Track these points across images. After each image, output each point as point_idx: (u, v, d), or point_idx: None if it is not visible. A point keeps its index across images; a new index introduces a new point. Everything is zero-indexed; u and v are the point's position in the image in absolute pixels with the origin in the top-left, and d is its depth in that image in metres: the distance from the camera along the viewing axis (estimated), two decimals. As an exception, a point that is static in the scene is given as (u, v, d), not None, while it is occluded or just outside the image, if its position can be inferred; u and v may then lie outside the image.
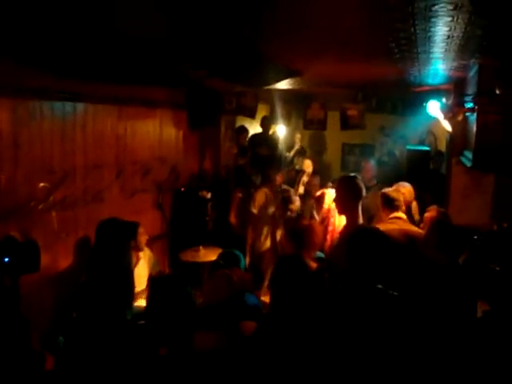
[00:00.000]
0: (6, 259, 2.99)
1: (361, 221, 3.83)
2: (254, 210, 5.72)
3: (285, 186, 6.17)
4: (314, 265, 3.30)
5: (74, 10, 2.43)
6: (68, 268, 4.04)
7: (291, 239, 3.54)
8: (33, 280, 3.40)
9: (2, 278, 3.03)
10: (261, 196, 5.76)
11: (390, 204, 4.32)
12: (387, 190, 4.50)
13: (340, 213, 3.91)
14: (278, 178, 5.89)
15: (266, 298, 3.59)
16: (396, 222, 4.18)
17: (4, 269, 3.00)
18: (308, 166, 6.74)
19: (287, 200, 4.78)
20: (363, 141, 8.82)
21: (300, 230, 3.49)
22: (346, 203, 3.81)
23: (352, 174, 4.08)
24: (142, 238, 4.35)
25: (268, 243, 5.45)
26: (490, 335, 2.65)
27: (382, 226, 4.18)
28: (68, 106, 4.15)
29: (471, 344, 2.68)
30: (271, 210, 5.53)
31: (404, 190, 4.73)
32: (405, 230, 4.07)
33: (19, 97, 3.63)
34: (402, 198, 4.43)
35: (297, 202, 4.85)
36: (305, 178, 6.43)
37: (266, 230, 5.63)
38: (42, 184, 3.84)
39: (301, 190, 6.32)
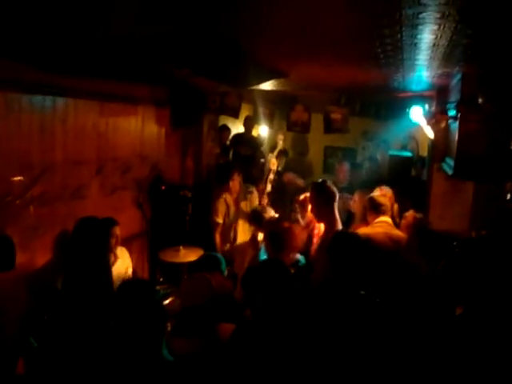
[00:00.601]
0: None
1: (339, 225, 3.84)
2: (219, 220, 5.72)
3: (251, 188, 6.19)
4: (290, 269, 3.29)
5: (58, 5, 2.38)
6: (44, 266, 3.95)
7: (270, 242, 3.52)
8: (7, 277, 3.32)
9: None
10: (221, 204, 5.78)
11: (377, 208, 4.36)
12: (374, 194, 4.54)
13: (318, 220, 3.92)
14: (235, 182, 5.88)
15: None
16: (382, 226, 4.23)
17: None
18: (274, 163, 6.86)
19: (258, 218, 4.60)
20: (346, 144, 8.87)
21: (279, 233, 3.47)
22: (320, 209, 3.84)
23: (321, 180, 4.09)
24: (113, 240, 4.26)
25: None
26: (463, 338, 2.67)
27: (368, 230, 4.21)
28: (48, 100, 4.06)
29: (449, 348, 2.69)
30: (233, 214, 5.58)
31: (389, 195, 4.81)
32: (390, 234, 4.11)
33: (-3, 89, 3.54)
34: (388, 203, 4.49)
35: (270, 213, 4.71)
36: (271, 176, 6.48)
37: (232, 235, 5.66)
38: (18, 178, 3.75)
39: (268, 188, 6.38)
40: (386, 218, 4.37)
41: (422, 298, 2.88)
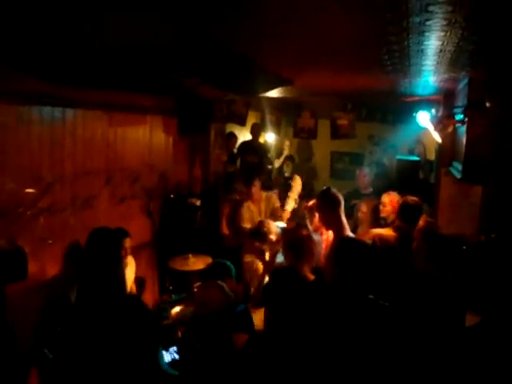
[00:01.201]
0: (-7, 267, 2.94)
1: (347, 231, 3.83)
2: (248, 225, 5.65)
3: (272, 194, 6.12)
4: (311, 276, 3.27)
5: (65, 17, 2.41)
6: (55, 276, 3.98)
7: (289, 250, 3.50)
8: (19, 288, 3.35)
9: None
10: (245, 211, 5.74)
11: None
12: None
13: (326, 228, 3.93)
14: (254, 188, 5.81)
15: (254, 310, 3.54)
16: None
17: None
18: (297, 182, 6.02)
19: (260, 234, 4.42)
20: (352, 149, 8.89)
21: (298, 241, 3.44)
22: (327, 217, 3.85)
23: (325, 187, 4.12)
24: (123, 252, 4.27)
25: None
26: (481, 346, 2.66)
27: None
28: (57, 112, 4.10)
29: (461, 354, 2.69)
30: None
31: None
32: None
33: (7, 101, 3.57)
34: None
35: (274, 231, 4.59)
36: (294, 195, 6.15)
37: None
38: (29, 190, 3.78)
39: (289, 207, 6.07)
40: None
41: (430, 303, 2.88)
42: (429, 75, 4.06)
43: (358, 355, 2.44)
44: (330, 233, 3.96)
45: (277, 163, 8.72)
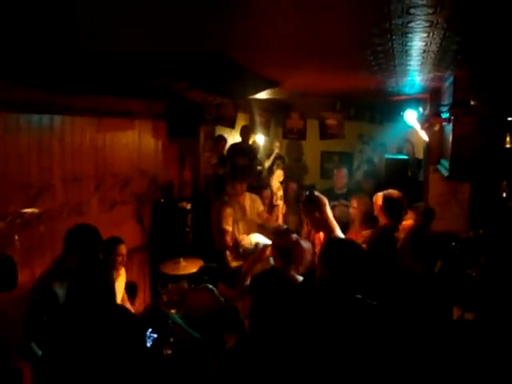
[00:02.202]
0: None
1: (337, 230, 3.86)
2: (229, 227, 5.69)
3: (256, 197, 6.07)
4: (298, 278, 3.30)
5: (52, 24, 2.41)
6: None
7: (279, 255, 3.52)
8: (9, 298, 3.33)
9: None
10: (228, 212, 5.73)
11: None
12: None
13: (316, 231, 3.95)
14: (238, 190, 5.81)
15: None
16: None
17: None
18: (279, 176, 6.28)
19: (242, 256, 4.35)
20: (342, 148, 8.91)
21: (287, 247, 3.46)
22: (315, 219, 3.88)
23: (307, 191, 4.18)
24: (120, 258, 4.21)
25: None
26: (476, 343, 2.69)
27: None
28: (45, 119, 4.08)
29: (451, 351, 2.71)
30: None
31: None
32: None
33: (-5, 110, 3.56)
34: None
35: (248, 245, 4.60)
36: (280, 192, 6.16)
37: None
38: (18, 199, 3.77)
39: (280, 203, 6.09)
40: None
41: (417, 301, 2.90)
42: (414, 75, 4.10)
43: (347, 354, 2.45)
44: (321, 235, 3.98)
45: (267, 163, 8.73)
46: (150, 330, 3.23)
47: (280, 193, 6.03)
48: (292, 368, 2.39)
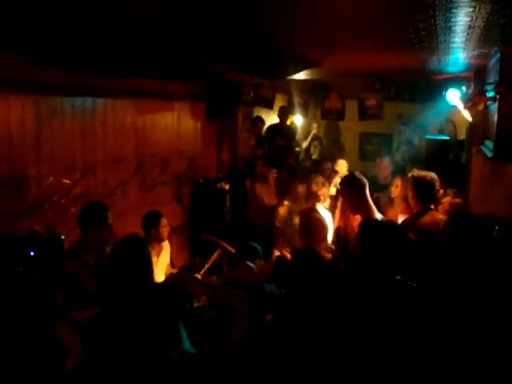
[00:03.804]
0: (32, 253, 3.06)
1: (375, 213, 3.82)
2: (277, 223, 5.66)
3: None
4: (328, 255, 3.33)
5: (94, 8, 2.46)
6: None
7: (303, 233, 3.55)
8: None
9: (29, 271, 3.10)
10: (283, 211, 5.67)
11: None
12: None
13: (354, 213, 3.92)
14: (300, 189, 5.73)
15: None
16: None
17: (30, 263, 3.07)
18: (342, 166, 6.06)
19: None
20: (381, 130, 8.75)
21: (312, 224, 3.49)
22: (354, 202, 3.84)
23: (348, 173, 4.11)
24: (165, 229, 4.37)
25: None
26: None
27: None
28: (88, 102, 4.19)
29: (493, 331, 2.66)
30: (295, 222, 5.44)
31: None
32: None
33: (40, 94, 3.68)
34: None
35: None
36: (337, 180, 6.02)
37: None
38: (63, 179, 3.90)
39: (332, 191, 5.97)
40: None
41: (458, 283, 2.86)
42: (458, 52, 3.97)
43: (387, 336, 2.45)
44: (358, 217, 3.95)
45: (304, 144, 8.68)
46: None
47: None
48: (326, 349, 2.41)
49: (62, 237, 3.33)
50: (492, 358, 2.47)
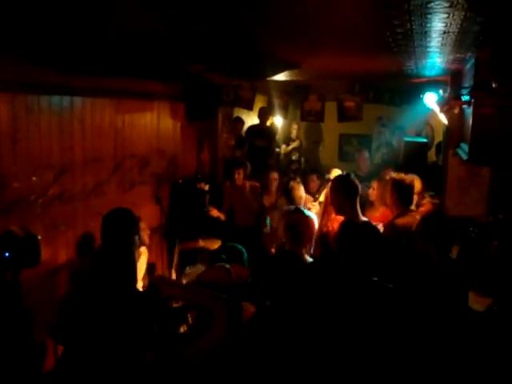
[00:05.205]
0: (7, 254, 3.02)
1: (361, 218, 3.84)
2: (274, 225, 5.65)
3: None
4: (308, 259, 3.34)
5: (72, 6, 2.44)
6: (67, 262, 4.08)
7: (288, 232, 3.55)
8: (32, 274, 3.43)
9: (3, 272, 3.06)
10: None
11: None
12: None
13: (337, 213, 3.92)
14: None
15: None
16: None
17: (5, 263, 3.03)
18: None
19: None
20: (361, 131, 8.84)
21: (297, 224, 3.49)
22: (342, 203, 3.84)
23: (345, 173, 4.10)
24: (145, 233, 4.35)
25: None
26: (494, 329, 2.70)
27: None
28: (65, 101, 4.15)
29: (471, 336, 2.72)
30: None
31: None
32: None
33: (17, 92, 3.63)
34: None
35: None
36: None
37: None
38: (40, 178, 3.85)
39: (321, 198, 6.01)
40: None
41: (432, 284, 2.91)
42: (434, 56, 4.03)
43: (362, 337, 2.49)
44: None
45: (283, 150, 8.71)
46: None
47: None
48: (305, 351, 2.43)
49: (39, 237, 3.31)
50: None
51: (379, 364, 2.43)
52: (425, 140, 6.47)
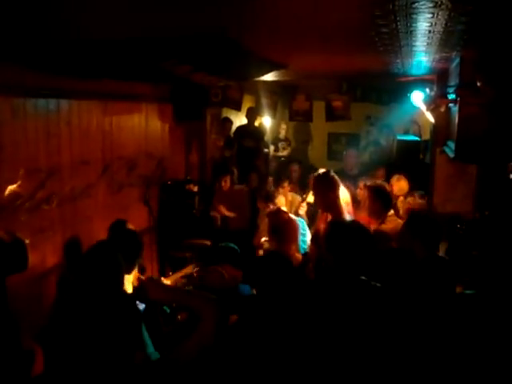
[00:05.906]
0: (-6, 259, 2.99)
1: (345, 213, 3.87)
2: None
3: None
4: (298, 258, 3.36)
5: (56, 9, 2.42)
6: (55, 267, 4.05)
7: (272, 234, 3.57)
8: (20, 279, 3.40)
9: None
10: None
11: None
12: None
13: (323, 210, 3.95)
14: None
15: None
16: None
17: (-8, 269, 3.00)
18: None
19: None
20: (349, 130, 8.87)
21: (281, 225, 3.52)
22: (325, 200, 3.88)
23: (323, 170, 4.14)
24: None
25: None
26: (474, 320, 2.72)
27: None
28: (52, 103, 4.11)
29: (454, 329, 2.74)
30: None
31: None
32: None
33: (2, 94, 3.59)
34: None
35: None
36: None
37: None
38: (27, 182, 3.82)
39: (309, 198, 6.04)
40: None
41: (419, 282, 2.93)
42: (420, 55, 4.06)
43: (351, 336, 2.49)
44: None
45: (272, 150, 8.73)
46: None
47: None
48: (295, 352, 2.44)
49: (26, 241, 3.28)
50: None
51: (368, 362, 2.44)
52: (417, 138, 6.51)
